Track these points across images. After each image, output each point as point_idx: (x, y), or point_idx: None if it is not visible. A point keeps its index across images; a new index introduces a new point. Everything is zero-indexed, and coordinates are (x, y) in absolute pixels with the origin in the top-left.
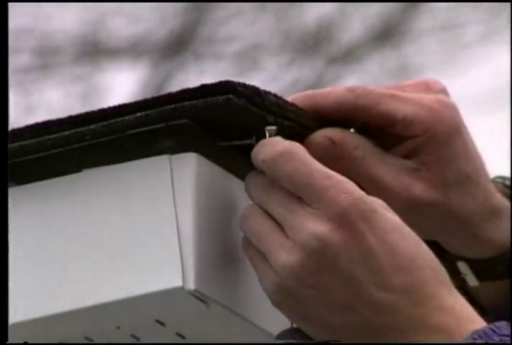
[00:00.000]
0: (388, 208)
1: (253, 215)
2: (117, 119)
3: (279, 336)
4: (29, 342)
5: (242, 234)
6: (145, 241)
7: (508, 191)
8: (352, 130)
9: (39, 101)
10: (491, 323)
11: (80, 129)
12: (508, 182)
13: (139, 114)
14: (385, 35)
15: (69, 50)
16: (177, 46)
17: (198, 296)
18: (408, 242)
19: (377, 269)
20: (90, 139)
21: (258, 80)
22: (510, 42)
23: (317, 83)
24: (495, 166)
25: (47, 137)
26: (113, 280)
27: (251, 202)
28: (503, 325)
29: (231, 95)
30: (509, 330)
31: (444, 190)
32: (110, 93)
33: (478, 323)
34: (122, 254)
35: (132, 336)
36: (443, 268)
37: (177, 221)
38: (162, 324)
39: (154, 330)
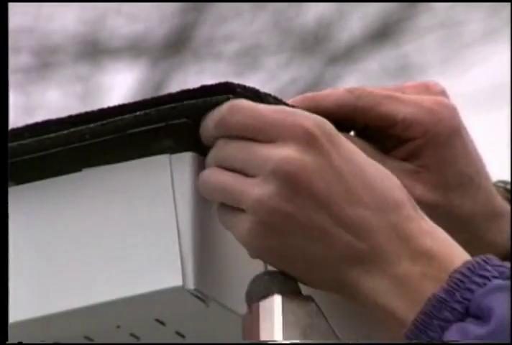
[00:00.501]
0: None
1: (212, 173)
2: (116, 118)
3: (254, 281)
4: (29, 341)
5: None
6: (145, 241)
7: (509, 196)
8: (352, 133)
9: (39, 101)
10: (480, 255)
11: (79, 128)
12: (509, 187)
13: (138, 113)
14: (385, 34)
15: (68, 50)
16: (176, 45)
17: (197, 295)
18: (374, 165)
19: (352, 188)
20: (89, 138)
21: (257, 79)
22: (511, 40)
23: (316, 82)
24: (495, 163)
25: (46, 136)
26: (113, 279)
27: None
28: (491, 257)
29: (230, 95)
30: (498, 261)
31: (444, 191)
32: (109, 93)
33: (456, 249)
34: (122, 253)
35: (132, 335)
36: (410, 196)
37: (177, 221)
38: (162, 323)
39: (154, 330)
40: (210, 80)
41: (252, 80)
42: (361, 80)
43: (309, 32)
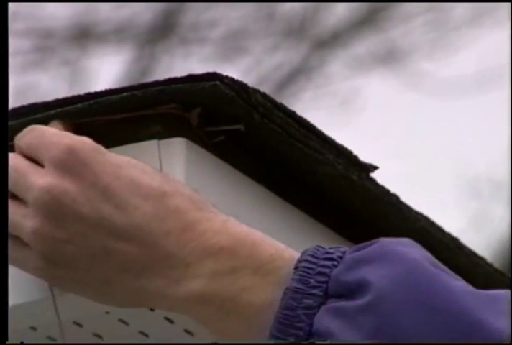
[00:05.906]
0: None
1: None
2: (103, 98)
3: None
4: (18, 326)
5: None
6: None
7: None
8: None
9: (29, 85)
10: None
11: (66, 108)
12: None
13: (125, 94)
14: (371, 18)
15: (57, 34)
16: (163, 30)
17: None
18: (150, 174)
19: (123, 203)
20: (77, 119)
21: (243, 63)
22: (510, 26)
23: (302, 67)
24: (493, 145)
25: (33, 117)
26: None
27: (241, 187)
28: (323, 246)
29: (217, 82)
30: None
31: None
32: (97, 77)
33: (259, 241)
34: None
35: (121, 320)
36: (200, 197)
37: None
38: (151, 309)
39: (142, 315)
40: (196, 65)
41: (238, 65)
42: (347, 64)
43: (295, 17)
